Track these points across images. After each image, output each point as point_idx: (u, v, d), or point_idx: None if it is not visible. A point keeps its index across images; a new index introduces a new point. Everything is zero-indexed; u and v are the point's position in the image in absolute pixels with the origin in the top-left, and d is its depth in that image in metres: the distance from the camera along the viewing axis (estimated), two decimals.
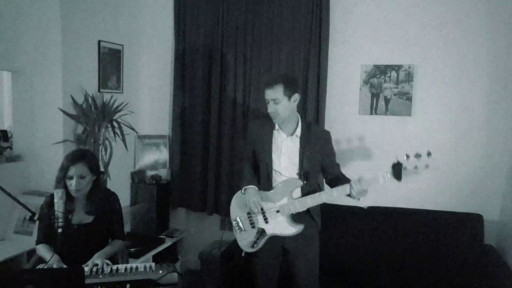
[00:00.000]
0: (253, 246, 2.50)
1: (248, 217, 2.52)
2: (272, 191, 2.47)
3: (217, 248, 3.13)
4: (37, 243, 2.35)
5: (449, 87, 3.22)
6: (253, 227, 2.50)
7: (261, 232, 2.48)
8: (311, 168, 2.45)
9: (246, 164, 2.64)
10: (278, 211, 2.43)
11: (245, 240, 2.52)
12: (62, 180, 2.26)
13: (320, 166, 2.53)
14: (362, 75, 3.37)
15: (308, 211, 2.47)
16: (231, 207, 2.61)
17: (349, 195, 2.35)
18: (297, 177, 2.45)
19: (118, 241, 2.43)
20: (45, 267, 2.11)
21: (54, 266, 2.09)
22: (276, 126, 2.47)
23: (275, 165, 2.48)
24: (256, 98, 3.50)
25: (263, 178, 2.53)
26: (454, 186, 3.25)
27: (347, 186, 2.32)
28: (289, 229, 2.44)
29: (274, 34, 3.45)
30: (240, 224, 2.54)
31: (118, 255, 2.50)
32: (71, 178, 2.24)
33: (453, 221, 3.07)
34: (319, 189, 2.52)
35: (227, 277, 3.11)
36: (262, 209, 2.43)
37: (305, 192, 2.45)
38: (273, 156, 2.48)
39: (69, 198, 2.28)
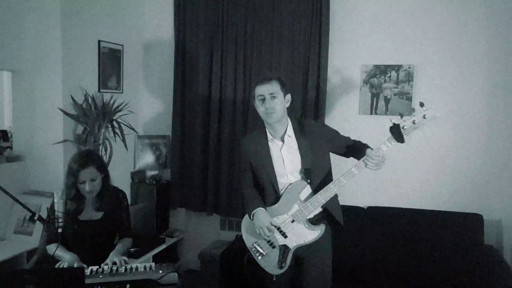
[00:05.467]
0: (281, 267, 2.30)
1: (265, 239, 2.33)
2: (278, 203, 2.31)
3: (217, 248, 3.14)
4: (48, 243, 2.32)
5: (449, 87, 3.22)
6: (274, 247, 2.31)
7: (284, 248, 2.30)
8: (313, 164, 2.29)
9: (246, 185, 2.47)
10: (293, 221, 2.26)
11: (272, 263, 2.32)
12: (73, 185, 2.26)
13: (328, 156, 2.37)
14: (362, 75, 3.37)
15: (327, 212, 2.32)
16: (243, 235, 2.42)
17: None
18: (300, 178, 2.30)
19: (127, 239, 2.46)
20: (65, 265, 2.13)
21: (75, 265, 2.11)
22: (269, 136, 2.34)
23: (279, 176, 2.33)
24: None
25: (268, 192, 2.37)
26: (454, 186, 3.26)
27: (353, 168, 2.17)
28: (311, 234, 2.27)
29: (274, 34, 3.46)
30: (259, 249, 2.34)
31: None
32: (83, 182, 2.25)
33: (453, 221, 3.08)
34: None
35: (227, 277, 3.11)
36: (275, 226, 2.26)
37: (315, 190, 2.27)
38: (276, 167, 2.32)
39: (80, 198, 2.30)
